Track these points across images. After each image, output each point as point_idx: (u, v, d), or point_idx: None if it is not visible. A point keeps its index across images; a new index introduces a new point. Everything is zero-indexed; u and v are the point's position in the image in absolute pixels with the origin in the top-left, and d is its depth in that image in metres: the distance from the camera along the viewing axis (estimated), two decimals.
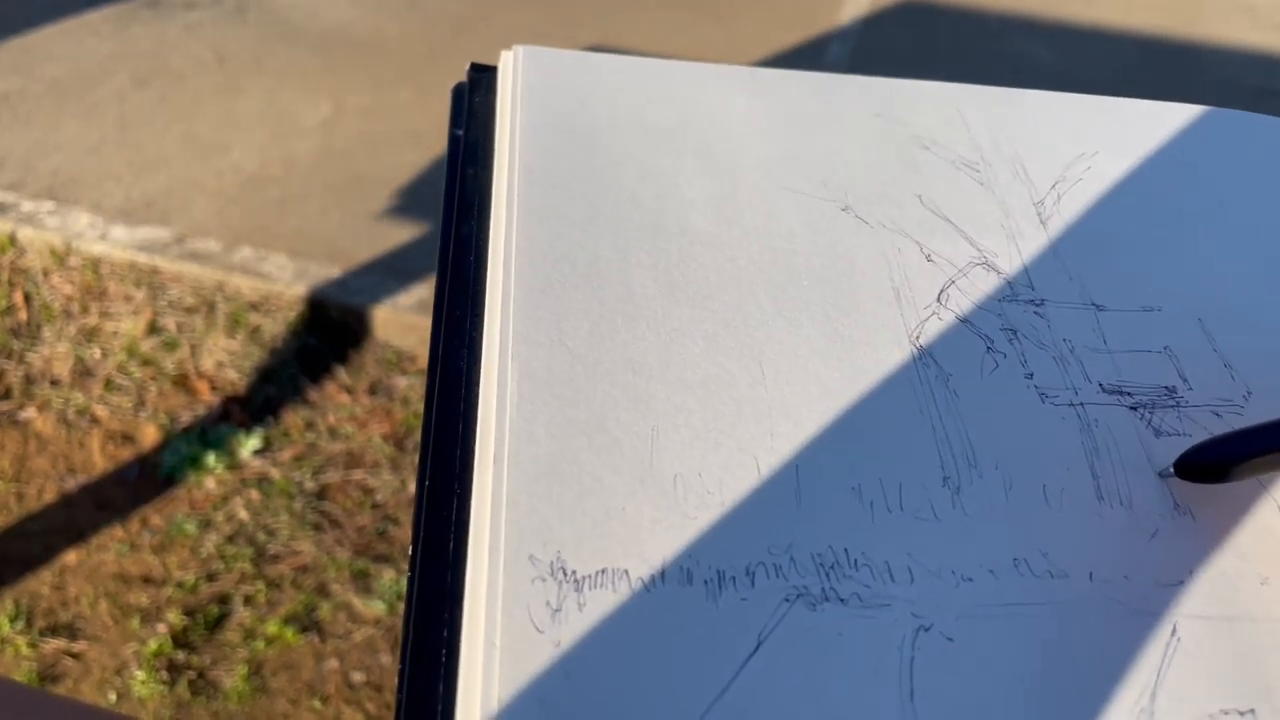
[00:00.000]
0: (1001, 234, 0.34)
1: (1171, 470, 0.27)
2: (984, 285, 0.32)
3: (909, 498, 0.26)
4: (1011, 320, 0.31)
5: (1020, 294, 0.32)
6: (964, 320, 0.31)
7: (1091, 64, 1.97)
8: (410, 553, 0.24)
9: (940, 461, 0.27)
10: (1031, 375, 0.29)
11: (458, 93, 0.36)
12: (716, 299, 0.30)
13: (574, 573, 0.23)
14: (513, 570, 0.23)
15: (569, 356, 0.28)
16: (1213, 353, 0.31)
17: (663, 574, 0.24)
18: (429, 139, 1.69)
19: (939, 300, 0.31)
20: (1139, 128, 0.39)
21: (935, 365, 0.29)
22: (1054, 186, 0.36)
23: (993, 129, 0.38)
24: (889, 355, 0.29)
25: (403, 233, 1.49)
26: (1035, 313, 0.31)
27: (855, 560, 0.24)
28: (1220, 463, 0.26)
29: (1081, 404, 0.29)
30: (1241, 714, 0.23)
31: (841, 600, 0.24)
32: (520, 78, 0.36)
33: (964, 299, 0.31)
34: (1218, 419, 0.29)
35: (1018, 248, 0.33)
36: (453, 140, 0.34)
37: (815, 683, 0.22)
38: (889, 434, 0.27)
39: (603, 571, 0.23)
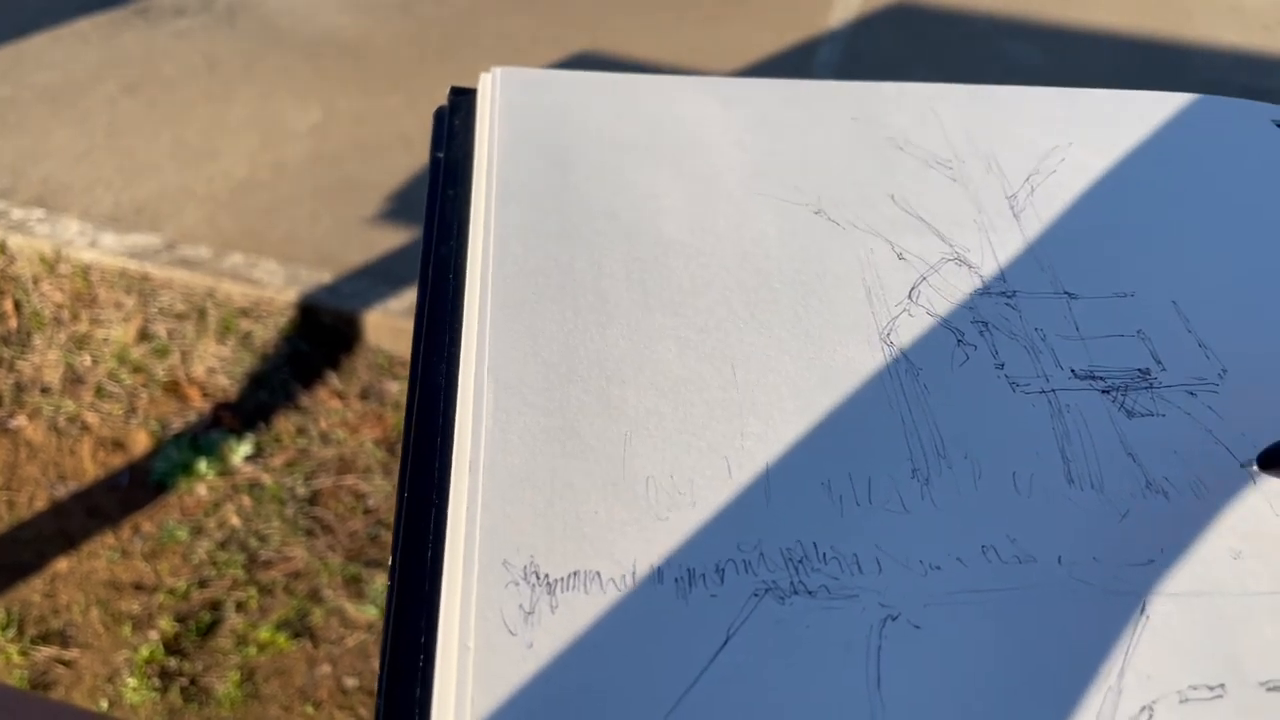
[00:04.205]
0: (974, 229, 0.34)
1: (1254, 463, 0.27)
2: (956, 280, 0.32)
3: (878, 491, 0.26)
4: (983, 313, 0.31)
5: (992, 287, 0.32)
6: (935, 315, 0.31)
7: (1082, 64, 1.98)
8: (390, 561, 0.25)
9: (909, 454, 0.27)
10: (1002, 366, 0.30)
11: (438, 116, 0.37)
12: (689, 305, 0.31)
13: (547, 576, 0.24)
14: (486, 576, 0.23)
15: (543, 366, 0.28)
16: (1187, 334, 0.31)
17: (634, 574, 0.24)
18: (419, 144, 1.69)
19: (910, 297, 0.32)
20: (1111, 117, 0.39)
21: (905, 361, 0.30)
22: (1028, 179, 0.36)
23: (967, 126, 0.38)
24: (859, 353, 0.30)
25: (393, 237, 1.49)
26: (1007, 304, 0.32)
27: (824, 554, 0.25)
28: None
29: (1053, 390, 0.29)
30: (1211, 689, 0.23)
31: (810, 593, 0.24)
32: (498, 98, 0.37)
33: (936, 295, 0.32)
34: (1192, 398, 0.29)
35: (990, 242, 0.34)
36: (434, 162, 0.35)
37: (783, 673, 0.23)
38: (858, 430, 0.27)
39: (575, 574, 0.24)
